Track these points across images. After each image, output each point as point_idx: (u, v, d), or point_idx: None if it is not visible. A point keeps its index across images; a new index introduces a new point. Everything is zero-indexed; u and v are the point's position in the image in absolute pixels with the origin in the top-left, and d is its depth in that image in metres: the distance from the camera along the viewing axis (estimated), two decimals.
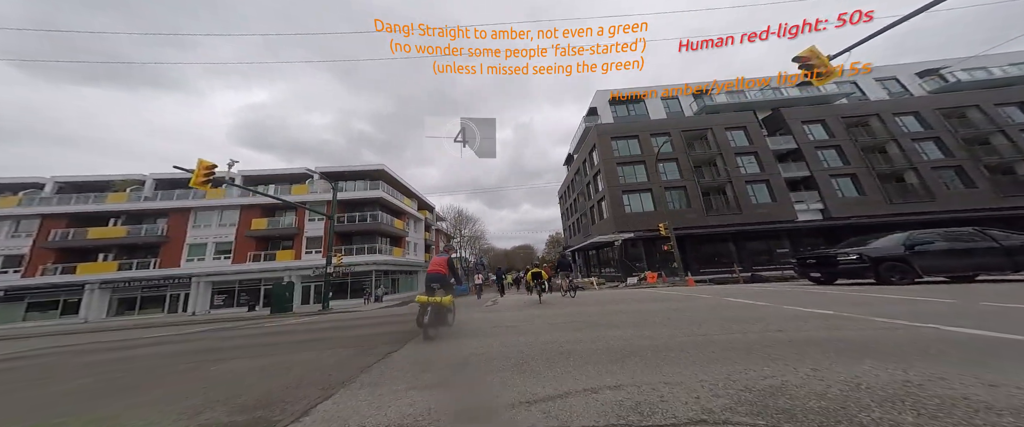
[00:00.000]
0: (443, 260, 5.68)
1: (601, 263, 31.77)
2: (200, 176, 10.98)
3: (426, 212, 40.34)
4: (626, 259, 24.21)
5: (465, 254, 48.50)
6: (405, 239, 32.18)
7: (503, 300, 13.94)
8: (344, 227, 25.26)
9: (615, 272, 25.90)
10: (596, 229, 30.08)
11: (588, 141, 33.02)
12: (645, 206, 26.13)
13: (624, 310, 6.71)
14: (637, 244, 24.66)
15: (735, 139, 27.32)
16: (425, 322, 4.68)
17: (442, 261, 5.65)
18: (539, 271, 11.60)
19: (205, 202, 25.35)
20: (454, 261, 6.08)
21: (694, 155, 27.19)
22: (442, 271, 5.50)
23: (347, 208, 26.90)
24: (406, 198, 33.71)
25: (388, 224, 27.36)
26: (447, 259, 5.72)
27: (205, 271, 23.79)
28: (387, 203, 28.11)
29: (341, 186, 26.59)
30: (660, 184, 26.38)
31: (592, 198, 32.59)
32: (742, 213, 23.86)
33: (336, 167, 28.00)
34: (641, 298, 9.58)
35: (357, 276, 24.89)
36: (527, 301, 11.46)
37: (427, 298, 4.95)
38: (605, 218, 28.13)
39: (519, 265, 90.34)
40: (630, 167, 28.09)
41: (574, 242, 40.47)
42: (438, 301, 5.01)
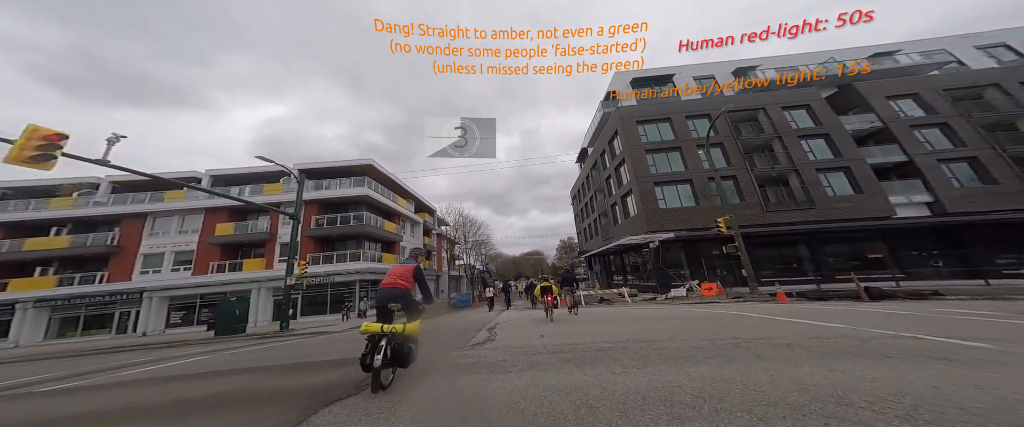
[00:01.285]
0: (406, 270, 4.03)
1: (626, 271, 27.00)
2: (25, 150, 6.90)
3: (425, 215, 36.29)
4: (663, 266, 19.46)
5: (471, 261, 44.07)
6: (399, 244, 28.06)
7: (505, 316, 12.14)
8: (322, 230, 21.25)
9: (646, 281, 21.17)
10: (620, 230, 25.41)
11: (608, 129, 28.51)
12: (684, 200, 21.40)
13: None
14: (674, 247, 19.91)
15: (796, 119, 22.44)
16: (375, 364, 3.01)
17: (405, 271, 4.03)
18: (549, 286, 9.98)
19: (164, 206, 21.69)
20: (421, 271, 4.21)
21: (743, 140, 22.37)
22: (403, 285, 3.91)
23: (329, 209, 22.93)
24: (401, 198, 29.67)
25: (377, 227, 23.26)
26: (413, 268, 4.07)
27: (160, 284, 20.00)
28: (375, 203, 24.05)
29: (323, 184, 22.67)
30: (703, 174, 21.61)
31: (614, 194, 27.98)
32: (816, 208, 18.93)
33: (317, 163, 24.14)
34: (726, 327, 4.94)
35: (338, 287, 20.78)
36: (536, 318, 10.13)
37: (379, 326, 3.29)
38: (632, 216, 23.48)
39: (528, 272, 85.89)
40: (662, 155, 23.46)
41: (591, 247, 35.81)
42: (396, 331, 3.31)
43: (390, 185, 28.38)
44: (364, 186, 22.49)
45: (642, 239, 19.04)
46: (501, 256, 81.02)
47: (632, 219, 23.50)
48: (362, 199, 22.85)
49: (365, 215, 21.88)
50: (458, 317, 16.69)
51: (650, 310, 10.42)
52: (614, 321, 7.74)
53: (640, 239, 19.52)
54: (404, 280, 3.98)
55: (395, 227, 27.06)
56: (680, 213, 20.79)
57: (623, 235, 23.41)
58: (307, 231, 20.91)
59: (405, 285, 3.95)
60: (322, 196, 22.12)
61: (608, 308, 13.62)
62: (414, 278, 4.03)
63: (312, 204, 21.87)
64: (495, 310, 17.52)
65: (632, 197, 23.49)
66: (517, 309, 17.20)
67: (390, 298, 3.78)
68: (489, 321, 10.71)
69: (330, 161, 23.89)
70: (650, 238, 18.37)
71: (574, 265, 66.41)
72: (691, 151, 22.78)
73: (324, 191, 22.27)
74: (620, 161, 25.86)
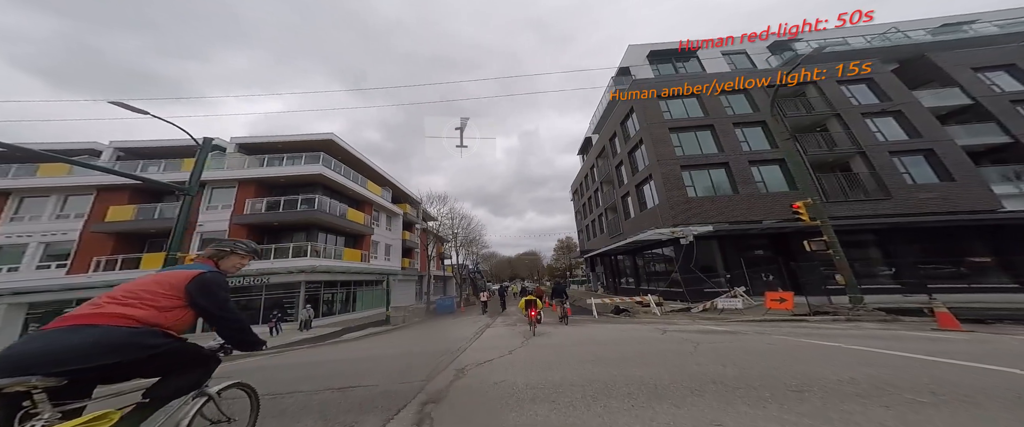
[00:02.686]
0: (168, 282, 1.79)
1: (639, 273, 22.63)
2: None
3: (407, 207, 31.68)
4: (695, 268, 15.11)
5: (461, 260, 39.40)
6: (368, 238, 23.48)
7: (490, 336, 8.78)
8: (260, 217, 16.66)
9: (670, 286, 16.84)
10: (633, 225, 21.09)
11: (621, 107, 24.19)
12: (719, 187, 17.14)
13: None
14: (706, 244, 15.59)
15: (857, 95, 18.28)
16: None
17: (163, 285, 1.77)
18: (533, 299, 8.92)
19: (36, 182, 16.67)
20: (215, 283, 1.91)
21: (791, 119, 18.16)
22: (124, 320, 1.57)
23: (274, 191, 18.32)
24: (373, 184, 25.08)
25: (336, 215, 18.70)
26: (191, 279, 1.83)
27: (14, 287, 14.97)
28: (334, 185, 19.47)
29: (264, 160, 18.05)
30: (743, 157, 17.40)
31: (625, 184, 23.68)
32: (892, 199, 14.72)
33: (264, 137, 19.47)
34: None
35: (276, 290, 16.17)
36: None
37: None
38: (650, 208, 19.20)
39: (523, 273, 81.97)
40: (689, 134, 19.22)
41: (594, 246, 31.48)
42: None
43: (359, 167, 23.79)
44: (318, 164, 17.90)
45: (669, 233, 14.69)
46: (496, 256, 76.82)
47: (650, 211, 19.20)
48: (316, 180, 18.27)
49: (318, 199, 17.29)
50: (434, 330, 12.31)
51: (710, 334, 6.13)
52: (669, 363, 3.35)
53: (665, 234, 15.17)
54: (141, 307, 1.63)
55: (363, 217, 22.49)
56: (714, 204, 16.52)
57: (637, 230, 19.05)
58: (239, 217, 16.31)
59: (129, 319, 1.57)
60: (262, 174, 17.51)
61: (629, 324, 9.29)
62: (190, 300, 1.78)
63: (249, 184, 17.28)
64: (485, 317, 13.41)
65: (652, 184, 19.18)
66: (508, 320, 12.92)
67: (54, 357, 1.35)
68: (467, 342, 7.77)
69: (278, 135, 19.26)
70: (681, 232, 14.03)
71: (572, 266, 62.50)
72: (726, 130, 18.57)
73: (264, 169, 17.63)
74: (636, 143, 21.56)
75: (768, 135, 18.26)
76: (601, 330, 8.77)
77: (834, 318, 8.49)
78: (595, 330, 8.71)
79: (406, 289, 31.11)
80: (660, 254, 19.34)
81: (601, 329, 8.98)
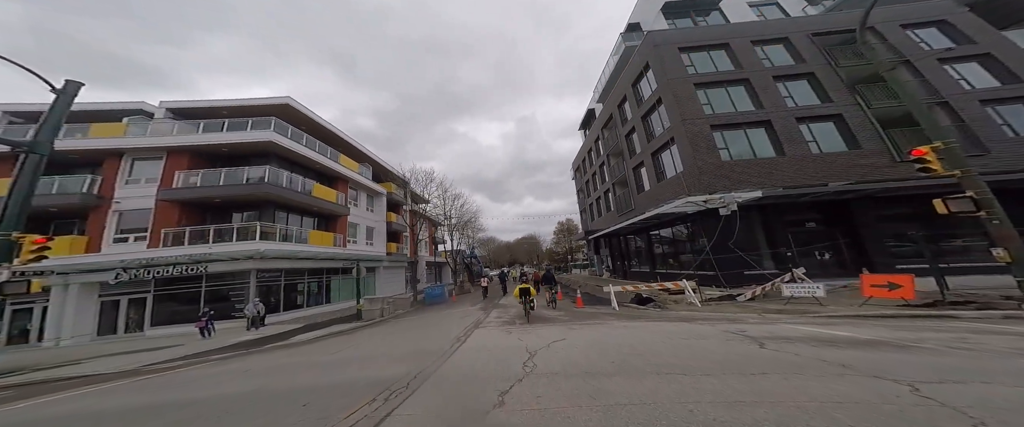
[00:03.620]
0: None
1: (653, 255, 19.82)
2: None
3: (391, 186, 28.41)
4: (734, 246, 12.23)
5: (456, 244, 36.36)
6: (344, 219, 20.44)
7: (476, 339, 6.98)
8: (196, 192, 13.51)
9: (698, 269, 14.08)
10: (650, 198, 18.16)
11: (633, 66, 20.83)
12: (759, 149, 14.14)
13: None
14: (744, 217, 12.63)
15: (927, 39, 15.05)
16: None
17: None
18: (528, 287, 9.23)
19: None
20: None
21: (847, 70, 14.95)
22: None
23: (217, 161, 15.08)
24: (347, 158, 21.83)
25: (298, 191, 15.61)
26: None
27: None
28: (292, 156, 16.26)
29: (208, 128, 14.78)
30: (787, 113, 14.35)
31: (638, 153, 20.65)
32: (990, 155, 11.72)
33: (203, 101, 15.93)
34: None
35: (220, 282, 13.22)
36: None
37: None
38: (670, 178, 16.26)
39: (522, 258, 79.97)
40: (719, 90, 16.12)
41: (599, 226, 28.59)
42: None
43: (329, 139, 20.48)
44: (269, 130, 14.59)
45: (703, 203, 11.71)
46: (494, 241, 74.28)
47: (671, 180, 16.22)
48: (267, 149, 15.00)
49: (270, 171, 14.11)
50: (409, 329, 9.55)
51: (841, 347, 3.34)
52: None
53: (697, 203, 12.18)
54: None
55: (336, 195, 19.37)
56: (753, 168, 13.56)
57: (654, 204, 16.06)
58: (167, 192, 13.16)
59: None
60: (197, 142, 14.21)
61: (671, 323, 6.38)
62: None
63: (180, 154, 14.03)
64: (477, 310, 11.28)
65: (673, 149, 16.11)
66: (503, 314, 10.22)
67: None
68: (438, 358, 5.37)
69: (222, 99, 15.78)
70: (721, 200, 11.03)
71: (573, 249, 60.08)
72: (765, 85, 15.43)
73: (199, 136, 14.30)
74: (652, 105, 18.34)
75: (817, 88, 15.12)
76: (636, 333, 5.89)
77: (995, 312, 5.63)
78: (628, 334, 5.83)
79: (394, 277, 28.32)
80: (682, 231, 16.47)
81: (635, 332, 6.09)
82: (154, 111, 15.29)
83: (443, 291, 21.90)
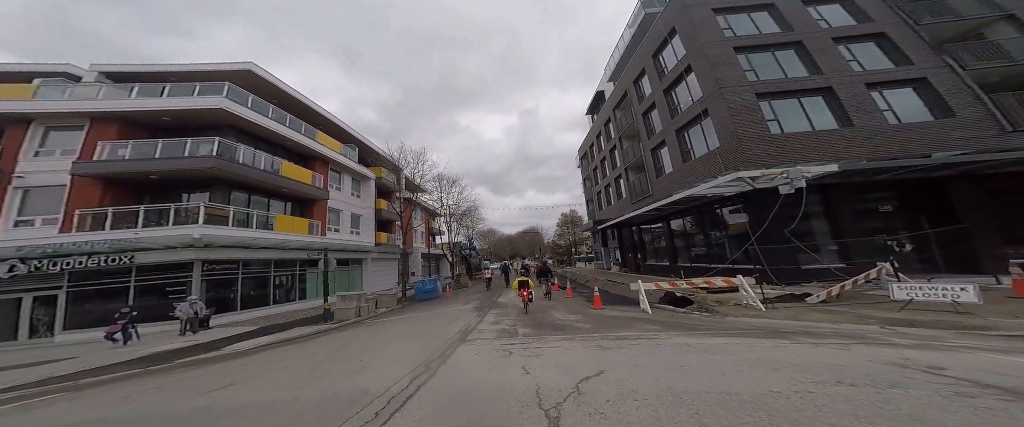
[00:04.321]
0: None
1: (675, 247, 17.35)
2: None
3: (382, 171, 25.84)
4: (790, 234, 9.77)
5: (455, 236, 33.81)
6: (322, 204, 18.02)
7: (461, 358, 5.47)
8: (122, 167, 11.02)
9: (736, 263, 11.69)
10: (674, 182, 15.75)
11: (654, 34, 18.20)
12: (818, 121, 11.63)
13: None
14: (798, 200, 10.11)
15: None
16: None
17: None
18: (526, 280, 9.36)
19: None
20: None
21: (930, 28, 12.29)
22: None
23: (159, 135, 12.57)
24: (327, 137, 19.31)
25: (261, 168, 13.16)
26: None
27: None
28: (252, 129, 13.74)
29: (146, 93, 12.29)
30: (854, 79, 11.84)
31: (658, 132, 18.22)
32: None
33: (147, 64, 13.49)
34: None
35: (154, 274, 10.83)
36: None
37: None
38: (705, 154, 13.78)
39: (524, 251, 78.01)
40: (764, 54, 13.68)
41: (609, 215, 26.11)
42: None
43: (304, 114, 17.96)
44: (221, 96, 12.04)
45: (761, 178, 9.18)
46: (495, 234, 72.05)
47: (704, 158, 13.77)
48: (218, 119, 12.47)
49: (220, 144, 11.59)
50: (383, 335, 7.22)
51: None
52: None
53: (754, 178, 9.66)
54: None
55: (311, 177, 16.93)
56: (813, 140, 11.11)
57: (680, 187, 13.46)
58: (85, 165, 10.70)
59: None
60: (128, 108, 11.63)
61: (747, 341, 3.91)
62: None
63: (107, 122, 11.54)
64: (471, 311, 10.47)
65: (707, 123, 13.61)
66: (501, 317, 7.85)
67: None
68: (405, 387, 4.04)
69: (171, 63, 13.26)
70: (782, 176, 8.50)
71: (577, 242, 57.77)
72: (823, 47, 12.89)
73: (131, 101, 11.74)
74: (679, 75, 15.76)
75: (889, 50, 12.49)
76: (720, 361, 3.40)
77: None
78: (709, 364, 3.35)
79: (385, 270, 26.01)
80: (716, 216, 13.99)
81: (715, 358, 3.61)
82: (83, 75, 12.73)
83: (435, 286, 19.54)
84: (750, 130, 11.63)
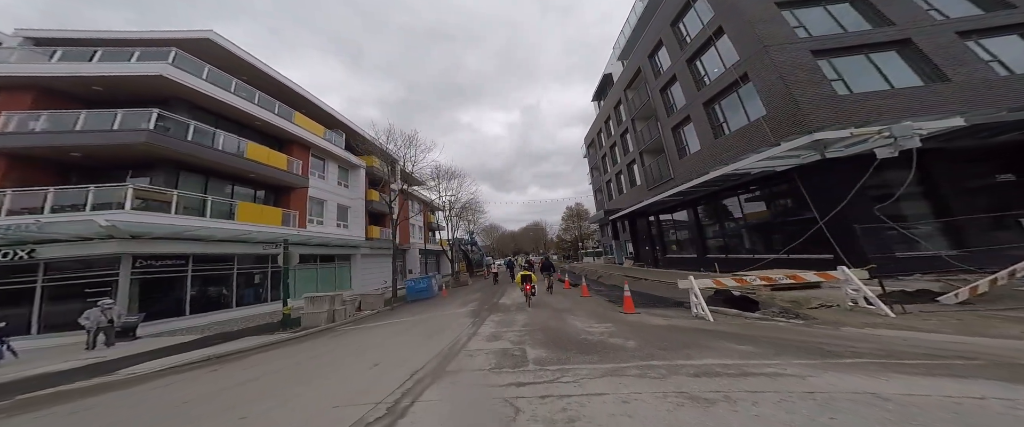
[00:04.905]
0: None
1: (705, 240, 15.08)
2: None
3: (374, 160, 23.65)
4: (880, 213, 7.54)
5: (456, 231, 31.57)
6: (302, 192, 15.94)
7: None
8: (34, 141, 8.98)
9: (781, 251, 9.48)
10: (702, 160, 13.59)
11: (671, 2, 16.04)
12: (897, 76, 9.38)
13: None
14: (895, 171, 7.81)
15: None
16: None
17: None
18: (529, 274, 9.63)
19: None
20: None
21: None
22: None
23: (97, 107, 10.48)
24: (306, 118, 17.21)
25: (220, 149, 11.06)
26: None
27: None
28: (203, 102, 11.61)
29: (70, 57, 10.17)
30: (939, 27, 9.61)
31: (679, 109, 16.04)
32: None
33: (89, 31, 11.31)
34: None
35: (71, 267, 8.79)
36: None
37: None
38: (746, 125, 11.58)
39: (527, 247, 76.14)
40: (813, 9, 11.43)
41: (621, 204, 23.91)
42: None
43: (276, 91, 15.83)
44: (165, 62, 9.94)
45: (849, 139, 6.97)
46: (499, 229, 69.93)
47: (743, 131, 11.58)
48: (160, 89, 10.34)
49: (159, 117, 9.49)
50: (342, 352, 4.99)
51: None
52: None
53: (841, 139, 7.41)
54: None
55: (287, 162, 14.84)
56: (895, 99, 8.88)
57: (714, 164, 11.16)
58: None
59: None
60: (46, 72, 9.57)
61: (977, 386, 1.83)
62: None
63: (21, 90, 9.52)
64: (466, 318, 8.71)
65: (749, 88, 11.44)
66: (502, 327, 5.57)
67: None
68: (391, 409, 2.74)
69: (114, 30, 11.12)
70: (882, 135, 6.29)
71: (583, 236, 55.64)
72: None
73: (50, 65, 9.68)
74: (706, 40, 13.56)
75: None
76: None
77: None
78: None
79: (378, 267, 23.89)
80: (759, 197, 11.77)
81: None
82: (5, 41, 10.65)
83: (429, 284, 17.44)
84: (809, 91, 9.42)
